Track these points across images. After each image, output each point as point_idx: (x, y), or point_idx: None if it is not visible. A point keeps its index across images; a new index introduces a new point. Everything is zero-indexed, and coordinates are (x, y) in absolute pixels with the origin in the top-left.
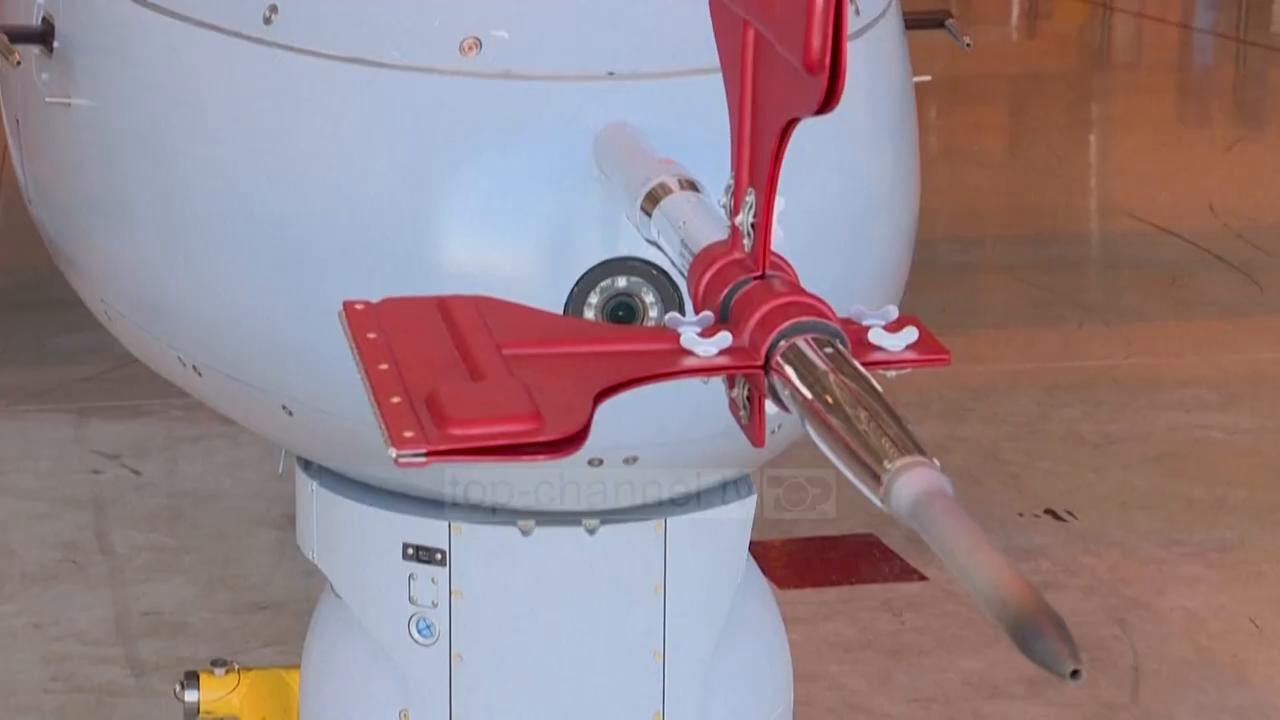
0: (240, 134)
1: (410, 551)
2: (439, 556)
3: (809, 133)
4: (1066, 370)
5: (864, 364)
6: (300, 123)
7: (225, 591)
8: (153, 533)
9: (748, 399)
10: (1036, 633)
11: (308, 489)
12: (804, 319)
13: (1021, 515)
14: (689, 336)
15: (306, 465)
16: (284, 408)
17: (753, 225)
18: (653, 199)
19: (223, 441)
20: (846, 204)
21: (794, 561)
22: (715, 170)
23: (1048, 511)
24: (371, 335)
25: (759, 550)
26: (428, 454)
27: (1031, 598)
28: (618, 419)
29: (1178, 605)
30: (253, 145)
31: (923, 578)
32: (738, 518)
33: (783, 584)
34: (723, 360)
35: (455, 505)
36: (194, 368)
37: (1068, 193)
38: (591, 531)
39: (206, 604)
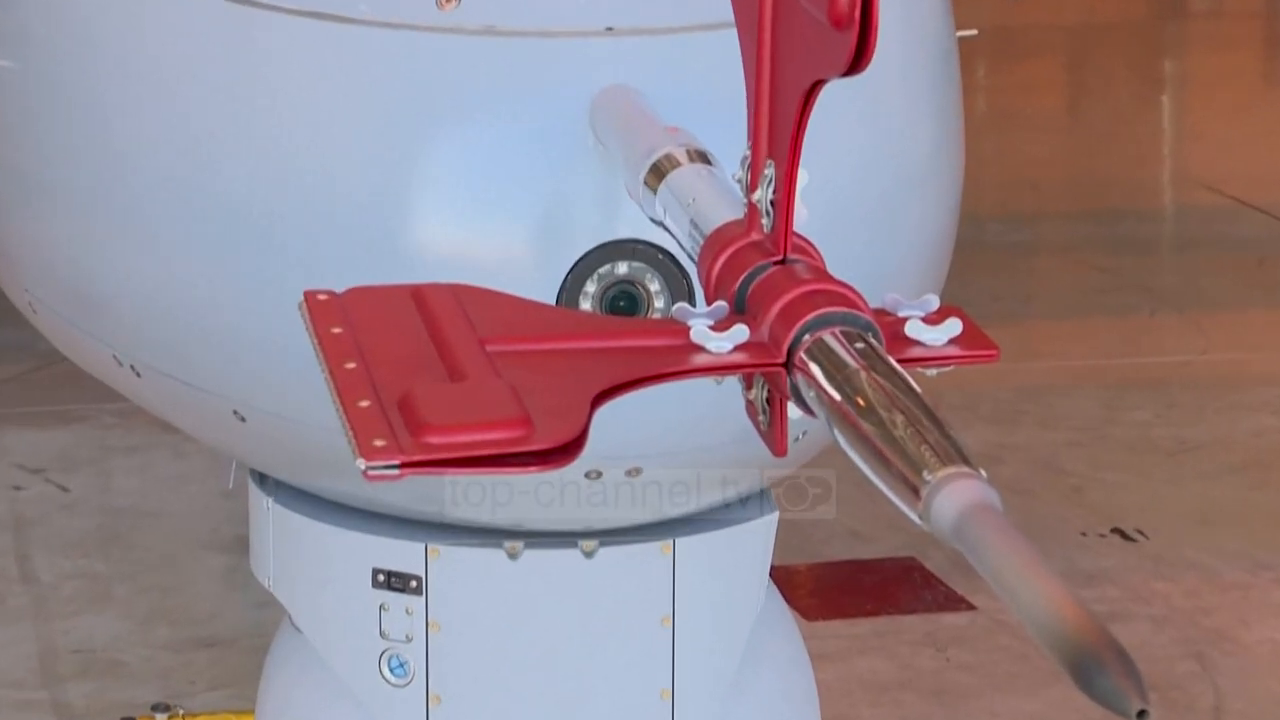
0: (189, 99)
1: (381, 578)
2: (414, 584)
3: (836, 96)
4: (1135, 367)
5: (900, 361)
6: (258, 86)
7: (166, 625)
8: (82, 558)
9: (767, 401)
10: (1098, 668)
11: (263, 506)
12: (831, 310)
13: (1084, 535)
14: (700, 330)
15: (261, 479)
16: (236, 413)
17: (772, 202)
18: (658, 173)
19: (163, 453)
20: (880, 178)
21: (822, 588)
22: (729, 140)
23: (1115, 530)
24: (336, 329)
25: (781, 576)
26: (401, 466)
27: (1092, 627)
28: (618, 425)
29: (1266, 637)
30: (203, 112)
31: (970, 607)
32: (756, 538)
33: (809, 615)
34: (739, 357)
35: (433, 525)
36: (132, 367)
37: (1136, 162)
38: (589, 554)
39: (144, 640)
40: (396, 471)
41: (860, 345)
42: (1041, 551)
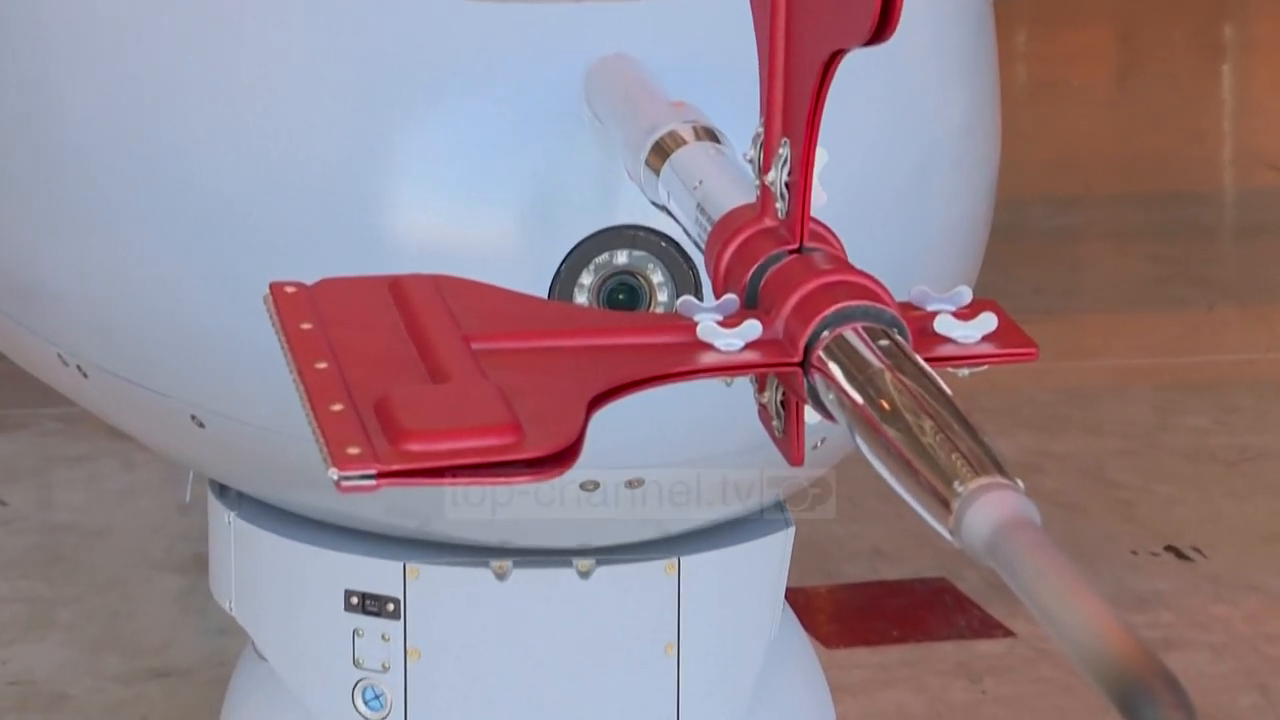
0: (142, 72)
1: (355, 601)
2: (391, 607)
3: (858, 68)
4: (1192, 366)
5: (928, 360)
6: (217, 57)
7: (115, 654)
8: (22, 579)
9: (782, 405)
10: (1148, 700)
11: (223, 521)
12: (853, 303)
13: (1135, 553)
14: (707, 326)
15: (222, 492)
16: (194, 418)
17: (787, 185)
18: (661, 152)
19: (112, 463)
20: (907, 158)
21: (843, 613)
22: (740, 115)
23: (1169, 549)
24: (306, 325)
25: (798, 599)
26: (377, 476)
27: (1141, 655)
28: (617, 431)
29: None
30: (156, 84)
31: (1009, 633)
32: (770, 556)
33: (829, 642)
34: (750, 356)
35: (412, 542)
36: (79, 368)
37: (1193, 138)
38: (585, 574)
39: (91, 670)
40: (372, 482)
41: (885, 343)
42: (1086, 571)
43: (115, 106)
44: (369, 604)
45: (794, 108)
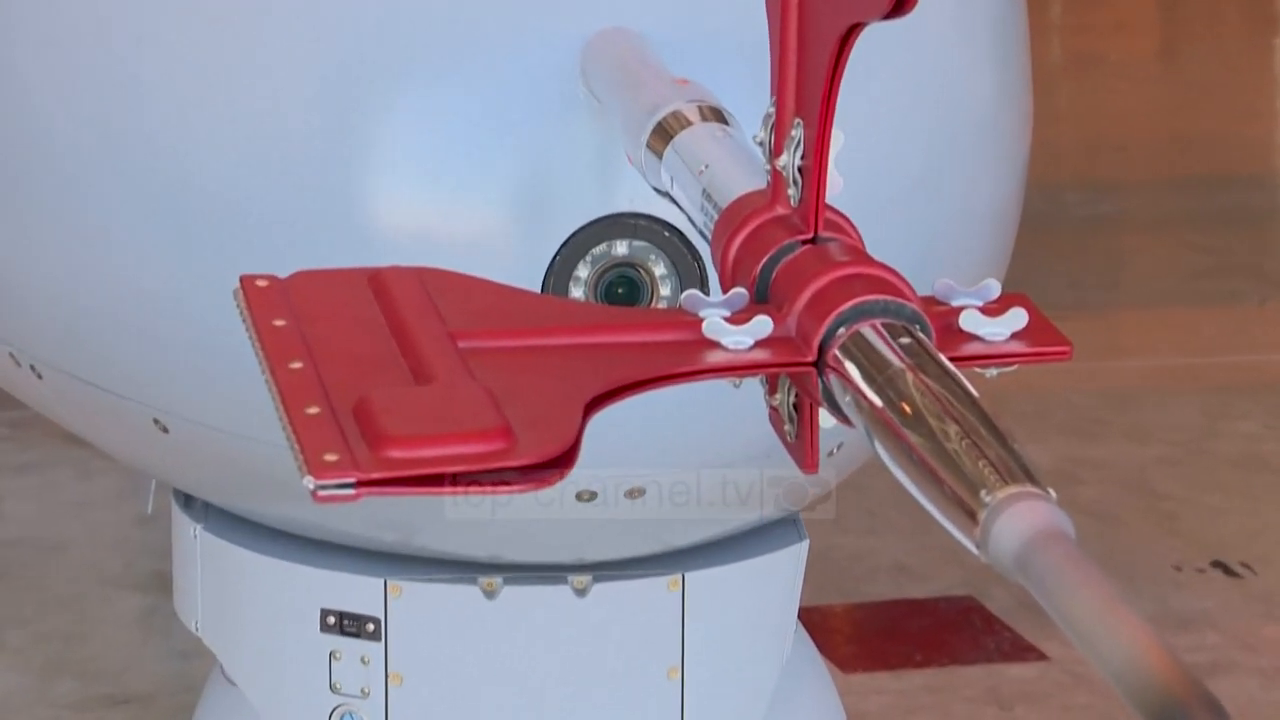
0: (102, 54)
1: (332, 620)
2: (371, 627)
3: (877, 42)
4: (1242, 367)
5: (953, 359)
6: (181, 29)
7: (70, 679)
8: None
9: (795, 408)
10: None
11: (188, 535)
12: (872, 298)
13: (1179, 569)
14: (714, 323)
15: (187, 502)
16: (157, 422)
17: (800, 169)
18: (664, 134)
19: (67, 471)
20: (930, 140)
21: (863, 634)
22: (749, 94)
23: (1216, 564)
24: (280, 322)
25: (814, 619)
26: (357, 485)
27: (1182, 677)
28: (616, 436)
29: None
30: (112, 58)
31: (1041, 657)
32: (782, 572)
33: (847, 667)
34: (761, 355)
35: (394, 556)
36: (32, 367)
37: (1244, 117)
38: (581, 591)
39: (44, 697)
40: (351, 492)
41: (906, 340)
42: (1124, 588)
43: (76, 91)
44: (347, 624)
45: (808, 86)
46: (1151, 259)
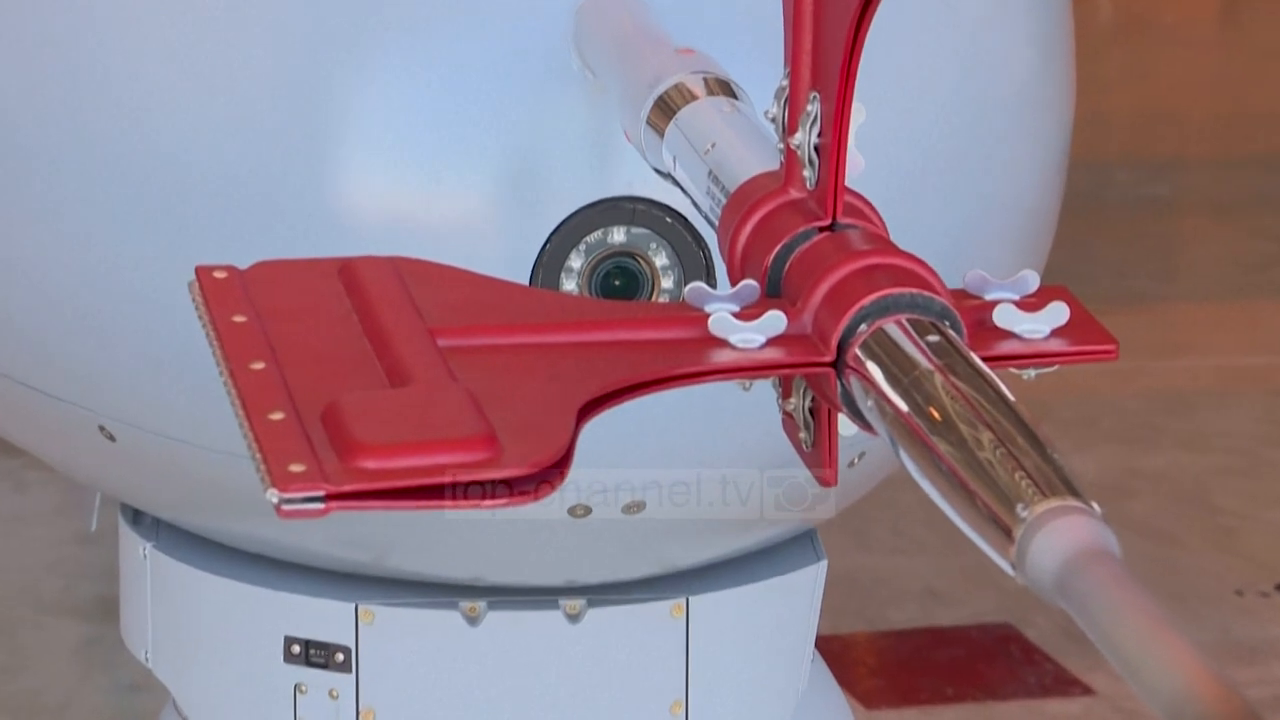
0: (39, 14)
1: (297, 650)
2: (340, 657)
3: (901, 7)
4: None
5: (986, 359)
6: (129, 6)
7: (2, 717)
8: None
9: (811, 413)
10: None
11: (137, 554)
12: (896, 291)
13: (1241, 593)
14: (721, 319)
15: (136, 518)
16: (102, 429)
17: (817, 148)
18: (666, 109)
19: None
20: (961, 114)
21: (888, 666)
22: (760, 65)
23: None
24: (239, 318)
25: (834, 648)
26: (326, 498)
27: (1236, 708)
28: (614, 445)
29: None
30: (57, 31)
31: (1086, 690)
32: (797, 596)
33: (871, 702)
34: (773, 354)
35: (366, 579)
36: None
37: None
38: (574, 617)
39: None
40: (320, 506)
41: (934, 338)
42: (1175, 612)
43: (9, 65)
44: (314, 654)
45: (825, 55)
46: (1210, 247)
